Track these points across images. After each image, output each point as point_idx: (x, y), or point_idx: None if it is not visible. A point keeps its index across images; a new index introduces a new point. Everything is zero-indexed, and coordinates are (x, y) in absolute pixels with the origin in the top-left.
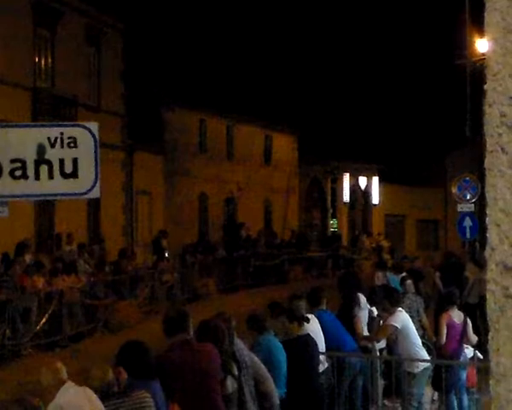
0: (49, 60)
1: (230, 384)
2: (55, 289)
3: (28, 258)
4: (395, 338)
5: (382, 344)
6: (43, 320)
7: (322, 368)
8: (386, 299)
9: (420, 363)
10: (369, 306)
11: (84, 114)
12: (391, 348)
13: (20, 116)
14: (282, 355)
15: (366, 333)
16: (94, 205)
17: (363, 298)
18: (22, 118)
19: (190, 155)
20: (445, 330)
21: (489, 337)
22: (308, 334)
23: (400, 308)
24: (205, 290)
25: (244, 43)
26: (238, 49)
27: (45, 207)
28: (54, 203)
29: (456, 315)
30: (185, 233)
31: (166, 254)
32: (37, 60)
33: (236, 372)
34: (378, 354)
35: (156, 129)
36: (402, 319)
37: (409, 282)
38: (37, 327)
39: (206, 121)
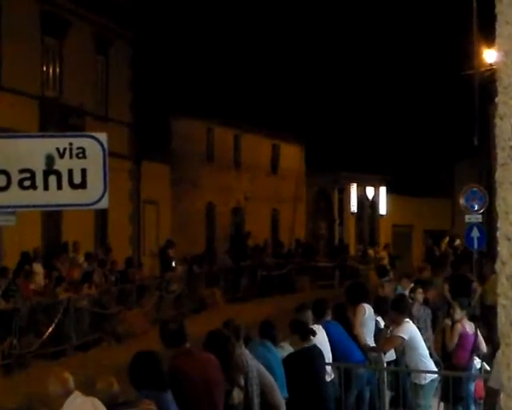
0: (57, 69)
1: (237, 395)
2: (62, 298)
3: (36, 267)
4: (402, 350)
5: (392, 356)
6: (50, 329)
7: (328, 379)
8: (394, 308)
9: (427, 374)
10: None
11: (91, 124)
12: (398, 359)
13: (27, 125)
14: (274, 360)
15: (373, 344)
16: (101, 214)
17: (370, 309)
18: (30, 127)
19: (197, 165)
20: (456, 339)
21: (499, 352)
22: (314, 345)
23: (408, 319)
24: (212, 300)
25: (252, 53)
26: (246, 59)
27: (53, 217)
28: (61, 212)
29: (468, 325)
30: (192, 243)
31: (173, 264)
32: (45, 69)
33: (243, 383)
34: (385, 365)
35: (163, 138)
36: (410, 330)
37: (419, 291)
38: (44, 336)
39: (213, 130)
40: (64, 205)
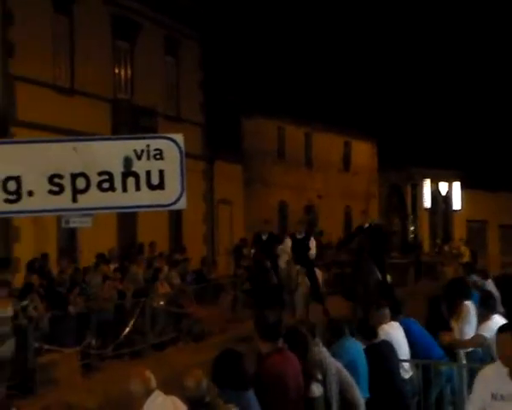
0: (129, 71)
1: (316, 389)
2: (140, 298)
3: (113, 267)
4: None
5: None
6: (127, 330)
7: (406, 376)
8: (482, 305)
9: None
10: None
11: (163, 125)
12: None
13: (100, 128)
14: (361, 359)
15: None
16: (175, 215)
17: (472, 305)
18: (103, 130)
19: (269, 164)
20: None
21: None
22: (382, 341)
23: (495, 315)
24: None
25: (322, 50)
26: (317, 57)
27: (128, 218)
28: (136, 214)
29: None
30: None
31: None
32: (116, 71)
33: (321, 378)
34: (464, 361)
35: (235, 138)
36: (492, 328)
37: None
38: (121, 336)
39: (284, 129)
40: (142, 206)
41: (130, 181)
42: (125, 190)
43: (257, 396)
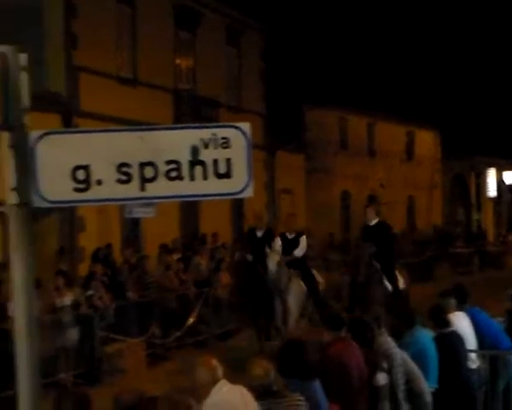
0: (190, 61)
1: (382, 378)
2: (203, 288)
3: (175, 257)
4: None
5: None
6: (192, 320)
7: (473, 366)
8: None
9: None
10: None
11: (225, 115)
12: None
13: (162, 118)
14: (431, 349)
15: None
16: (237, 205)
17: None
18: (165, 120)
19: (331, 153)
20: None
21: None
22: (452, 331)
23: None
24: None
25: (383, 39)
26: (378, 47)
27: (190, 209)
28: (199, 204)
29: None
30: (328, 231)
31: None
32: (178, 62)
33: (386, 367)
34: None
35: (297, 128)
36: None
37: None
38: (185, 326)
39: (346, 119)
40: (210, 195)
41: (198, 170)
42: (192, 178)
43: (321, 385)
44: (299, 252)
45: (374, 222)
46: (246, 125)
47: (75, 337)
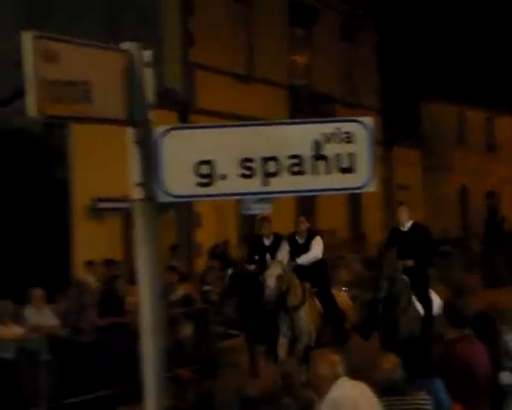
0: (306, 58)
1: (506, 377)
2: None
3: None
4: None
5: None
6: None
7: None
8: None
9: None
10: None
11: (340, 110)
12: None
13: (278, 114)
14: None
15: None
16: (354, 201)
17: None
18: (280, 115)
19: (449, 148)
20: None
21: None
22: None
23: None
24: (470, 285)
25: (503, 32)
26: (498, 40)
27: (307, 205)
28: (315, 200)
29: None
30: (446, 226)
31: None
32: (293, 58)
33: (510, 365)
34: None
35: (414, 123)
36: None
37: None
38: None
39: (464, 113)
40: (333, 189)
41: (321, 164)
42: (315, 173)
43: (444, 383)
44: (314, 254)
45: (407, 226)
46: (369, 120)
47: (188, 333)
